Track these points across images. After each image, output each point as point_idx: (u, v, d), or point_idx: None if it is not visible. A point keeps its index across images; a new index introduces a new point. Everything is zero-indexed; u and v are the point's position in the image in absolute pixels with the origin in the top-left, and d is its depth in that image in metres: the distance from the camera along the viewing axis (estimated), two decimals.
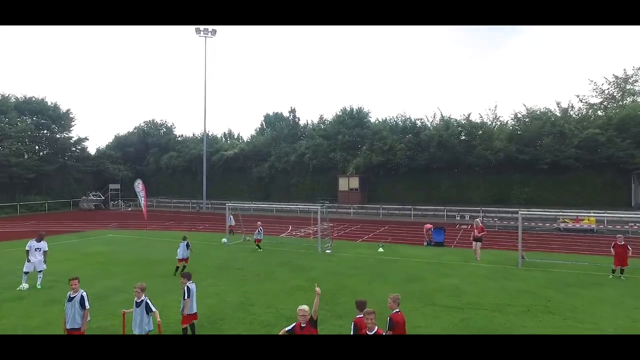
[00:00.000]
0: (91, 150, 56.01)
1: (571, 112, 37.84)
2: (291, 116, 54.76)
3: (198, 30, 43.89)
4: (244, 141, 58.11)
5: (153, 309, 7.16)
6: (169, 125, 60.99)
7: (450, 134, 37.87)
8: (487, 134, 38.12)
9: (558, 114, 37.16)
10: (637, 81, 39.12)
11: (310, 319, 5.97)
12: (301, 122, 53.77)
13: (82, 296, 7.45)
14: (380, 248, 19.30)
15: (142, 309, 7.15)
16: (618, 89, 39.95)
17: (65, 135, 50.12)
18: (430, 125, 41.35)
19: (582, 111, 38.62)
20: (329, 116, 49.13)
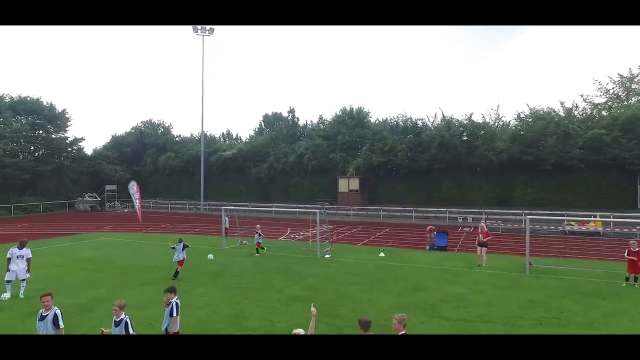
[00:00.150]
0: (87, 150, 55.36)
1: (575, 112, 37.00)
2: (290, 116, 53.86)
3: (195, 28, 43.24)
4: (242, 141, 57.29)
5: (132, 331, 6.45)
6: (166, 125, 60.55)
7: (452, 134, 37.14)
8: (490, 134, 37.34)
9: (562, 114, 36.34)
10: None
11: None
12: (300, 122, 52.97)
13: (55, 314, 6.74)
14: (381, 253, 18.65)
15: (121, 329, 6.46)
16: (623, 88, 39.14)
17: (61, 135, 49.44)
18: (431, 126, 40.55)
19: (587, 111, 37.81)
20: (328, 116, 48.33)
